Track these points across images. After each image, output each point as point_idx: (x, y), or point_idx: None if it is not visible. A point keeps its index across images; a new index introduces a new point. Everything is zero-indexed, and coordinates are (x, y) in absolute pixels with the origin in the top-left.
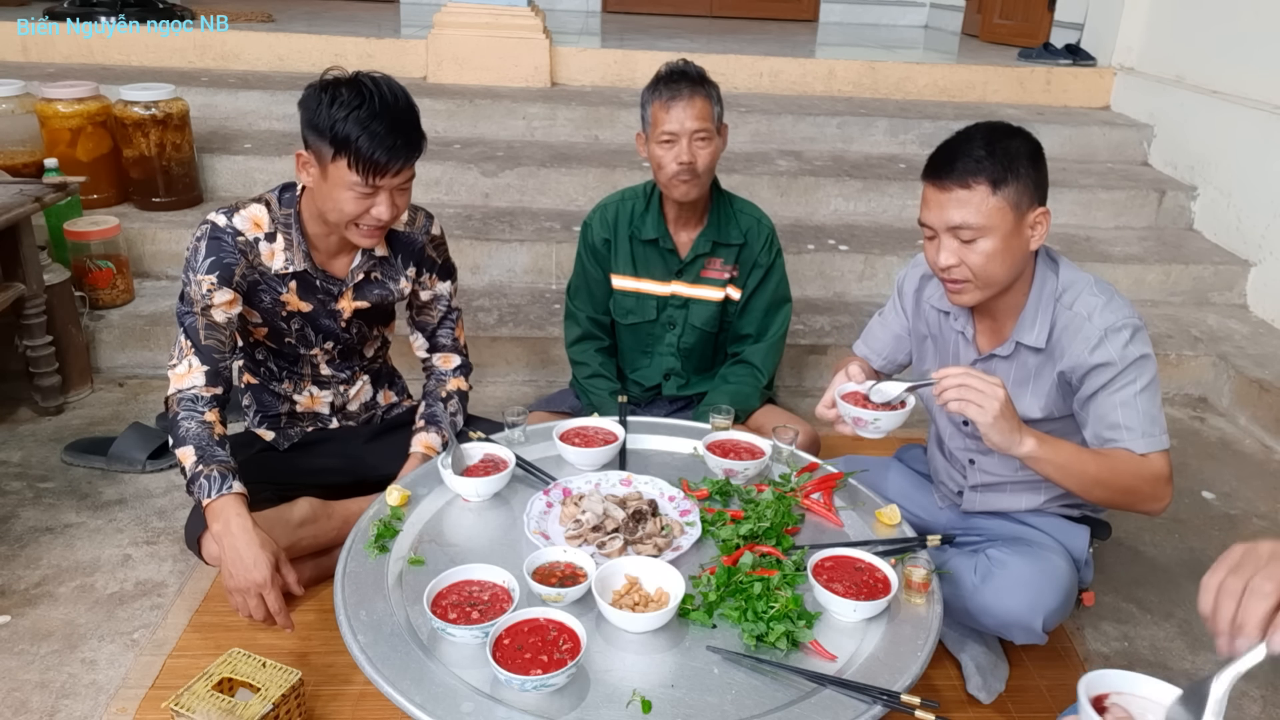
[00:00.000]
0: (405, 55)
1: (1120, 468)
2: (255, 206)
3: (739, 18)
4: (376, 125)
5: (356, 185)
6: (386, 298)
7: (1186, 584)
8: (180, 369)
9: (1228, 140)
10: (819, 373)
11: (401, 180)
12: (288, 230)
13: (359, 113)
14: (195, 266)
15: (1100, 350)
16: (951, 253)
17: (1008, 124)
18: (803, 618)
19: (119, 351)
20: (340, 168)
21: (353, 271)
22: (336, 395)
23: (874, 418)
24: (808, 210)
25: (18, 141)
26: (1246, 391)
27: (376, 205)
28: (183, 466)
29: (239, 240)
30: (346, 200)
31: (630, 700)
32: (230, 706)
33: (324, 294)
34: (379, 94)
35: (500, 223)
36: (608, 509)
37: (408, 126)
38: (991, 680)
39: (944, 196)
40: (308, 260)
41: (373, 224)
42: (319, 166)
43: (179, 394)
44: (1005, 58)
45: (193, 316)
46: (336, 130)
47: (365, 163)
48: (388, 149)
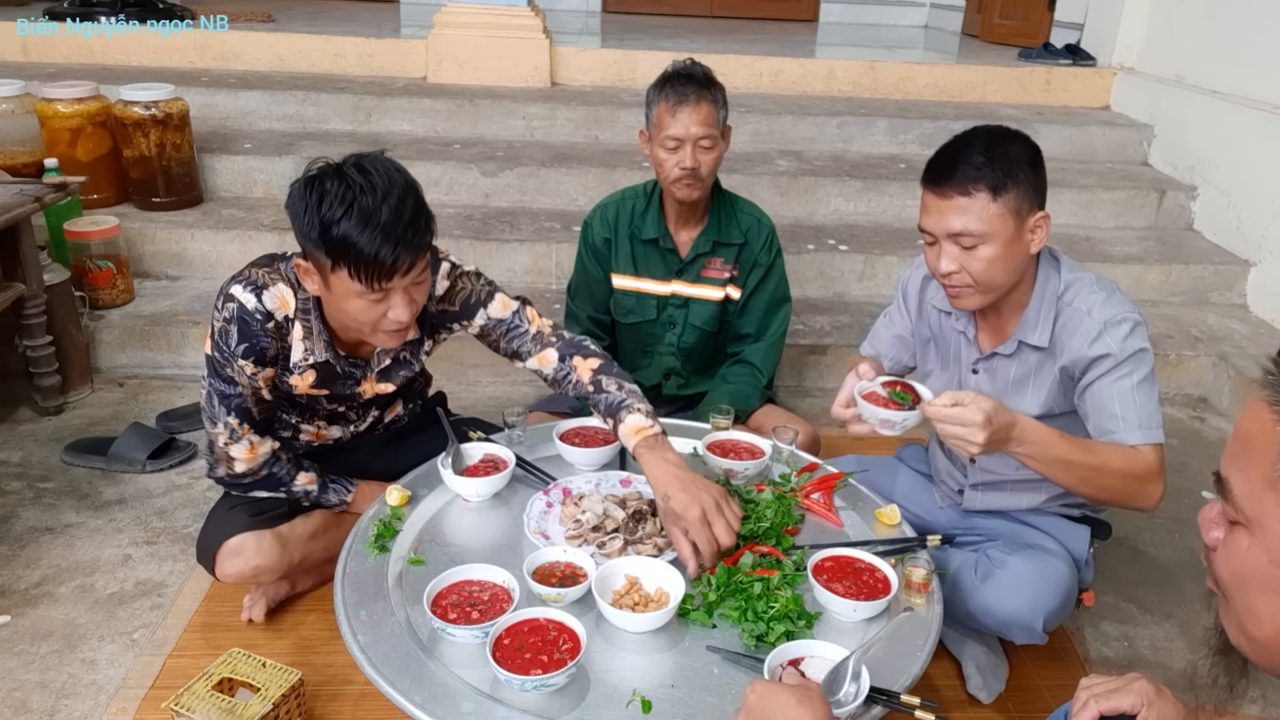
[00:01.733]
0: (405, 55)
1: (1110, 463)
2: (282, 286)
3: (739, 18)
4: (373, 226)
5: (364, 294)
6: (410, 376)
7: (1186, 584)
8: (239, 449)
9: (1228, 140)
10: (819, 373)
11: (415, 276)
12: (306, 317)
13: (352, 213)
14: (229, 351)
15: (1099, 343)
16: (952, 259)
17: (1006, 128)
18: (803, 618)
19: (119, 351)
20: (342, 278)
21: (379, 355)
22: (345, 432)
23: (902, 418)
24: (808, 210)
25: (18, 141)
26: (1246, 392)
27: (393, 308)
28: (306, 491)
29: (269, 326)
30: (358, 309)
31: (630, 700)
32: (230, 706)
33: (346, 379)
34: (370, 185)
35: (500, 223)
36: (608, 509)
37: (412, 216)
38: (991, 680)
39: (944, 204)
40: (329, 350)
41: (394, 326)
42: (320, 277)
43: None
44: (1005, 58)
45: (241, 399)
46: (331, 237)
47: (369, 269)
48: (391, 249)
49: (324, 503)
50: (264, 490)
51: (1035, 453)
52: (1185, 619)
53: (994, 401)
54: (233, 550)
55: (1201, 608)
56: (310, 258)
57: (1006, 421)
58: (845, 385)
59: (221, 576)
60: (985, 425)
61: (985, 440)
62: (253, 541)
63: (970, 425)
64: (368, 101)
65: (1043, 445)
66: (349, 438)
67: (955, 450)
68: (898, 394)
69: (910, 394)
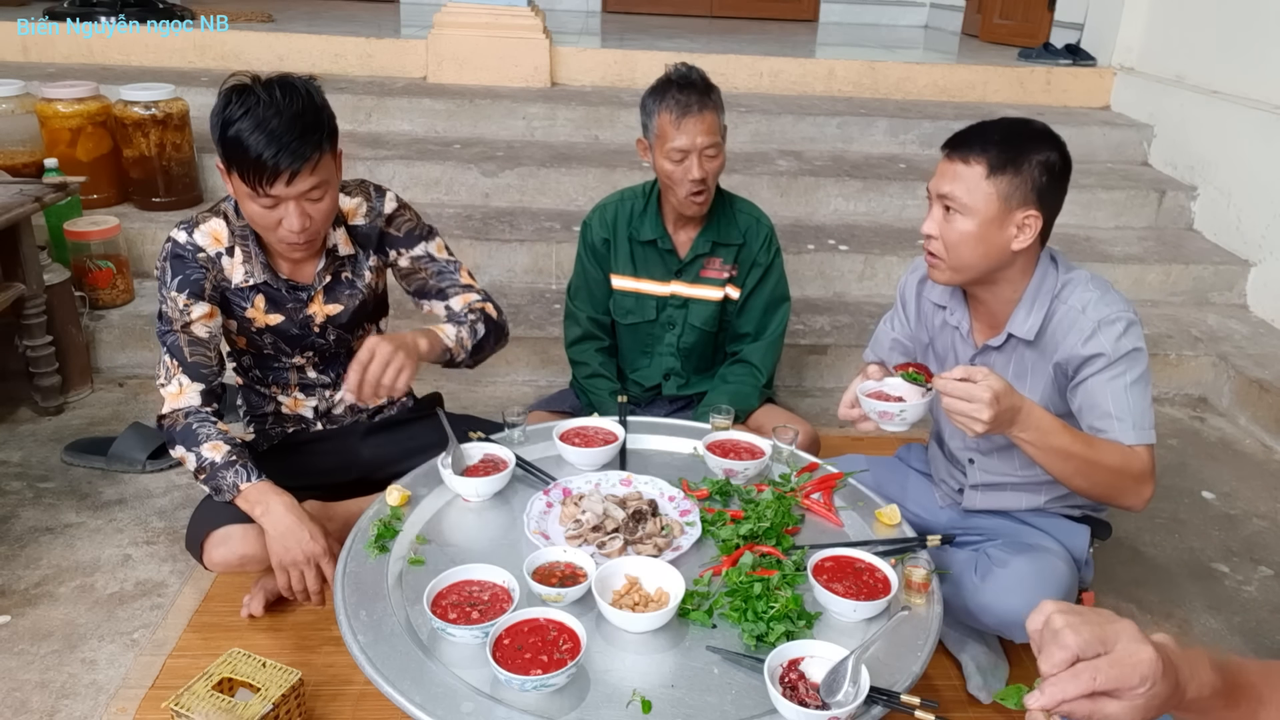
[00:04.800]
0: (405, 55)
1: (1107, 459)
2: (214, 220)
3: (739, 18)
4: (259, 131)
5: (255, 198)
6: (356, 296)
7: (1186, 584)
8: (171, 388)
9: (1228, 140)
10: (819, 373)
11: (303, 189)
12: (244, 242)
13: (243, 121)
14: (166, 284)
15: (1093, 341)
16: (935, 222)
17: (1046, 129)
18: (803, 618)
19: (119, 351)
20: (235, 180)
21: (319, 274)
22: (321, 400)
23: (899, 409)
24: (808, 210)
25: (18, 141)
26: (1246, 391)
27: (286, 217)
28: (208, 460)
29: (200, 256)
30: (255, 213)
31: (630, 700)
32: (230, 706)
33: (293, 302)
34: (272, 99)
35: (500, 223)
36: (608, 509)
37: (303, 130)
38: (991, 680)
39: (946, 166)
40: (267, 271)
41: (291, 238)
42: (228, 179)
43: (177, 411)
44: (1005, 58)
45: (174, 335)
46: (226, 136)
47: (253, 171)
48: (274, 154)
49: (218, 482)
50: (181, 445)
51: (1037, 439)
52: (1185, 619)
53: (1004, 382)
54: (220, 539)
55: (1201, 607)
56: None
57: (1014, 404)
58: (850, 388)
59: (209, 565)
60: (993, 404)
61: (990, 419)
62: (239, 530)
63: (977, 402)
64: (368, 101)
65: (1045, 433)
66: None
67: (959, 427)
68: (911, 375)
69: (924, 374)
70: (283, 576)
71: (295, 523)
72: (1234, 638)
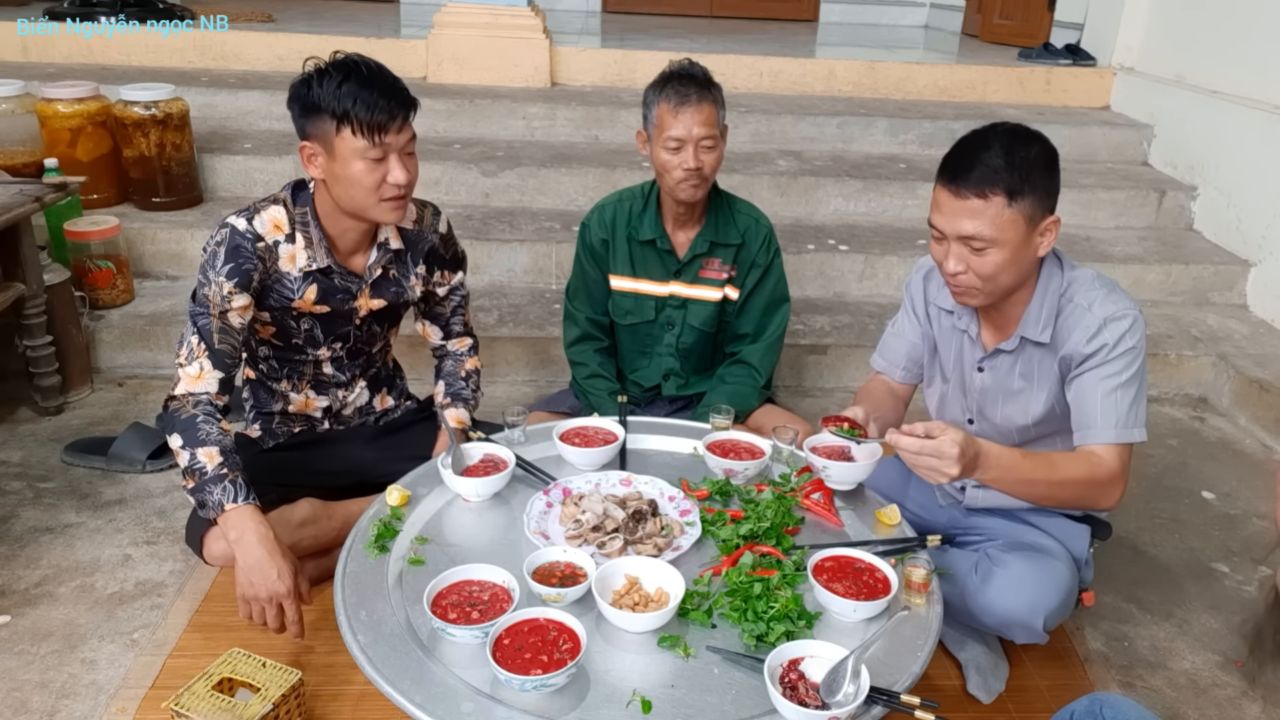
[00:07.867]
0: (405, 55)
1: (1071, 475)
2: (274, 208)
3: (739, 18)
4: (369, 90)
5: (366, 151)
6: (401, 296)
7: (1186, 584)
8: (191, 370)
9: (1228, 140)
10: (819, 373)
11: (405, 139)
12: (306, 228)
13: (349, 83)
14: (215, 269)
15: (1098, 338)
16: (959, 260)
17: (1026, 128)
18: (803, 618)
19: (119, 351)
20: (345, 138)
21: (370, 267)
22: (333, 400)
23: (822, 465)
24: (808, 210)
25: (18, 141)
26: (1246, 391)
27: (391, 171)
28: (200, 466)
29: (259, 246)
30: (361, 173)
31: (630, 700)
32: (230, 706)
33: (343, 292)
34: (362, 63)
35: (500, 223)
36: (608, 509)
37: (397, 86)
38: (991, 680)
39: (958, 204)
40: (330, 257)
41: (394, 192)
42: (324, 150)
43: (190, 395)
44: (1005, 58)
45: (208, 319)
46: (334, 103)
47: (368, 124)
48: (385, 107)
49: (204, 496)
50: (179, 435)
51: (1000, 475)
52: (1185, 619)
53: (963, 432)
54: (219, 534)
55: (1201, 607)
56: (314, 134)
57: (976, 450)
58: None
59: (209, 559)
60: (959, 458)
61: (958, 472)
62: None
63: (946, 457)
64: None
65: (1007, 469)
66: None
67: (924, 479)
68: (845, 431)
69: (858, 429)
70: (244, 608)
71: (265, 557)
72: (1234, 637)
